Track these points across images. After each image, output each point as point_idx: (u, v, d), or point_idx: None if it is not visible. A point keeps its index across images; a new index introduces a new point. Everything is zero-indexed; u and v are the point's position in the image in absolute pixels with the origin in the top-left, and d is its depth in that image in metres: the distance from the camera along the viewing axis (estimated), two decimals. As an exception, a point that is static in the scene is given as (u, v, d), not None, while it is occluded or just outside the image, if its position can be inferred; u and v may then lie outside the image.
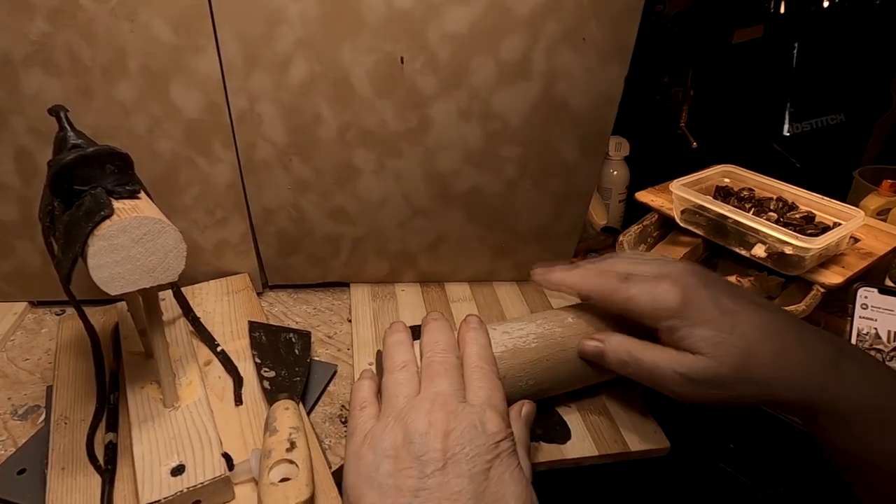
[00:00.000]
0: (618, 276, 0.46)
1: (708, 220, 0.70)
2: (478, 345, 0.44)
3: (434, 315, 0.47)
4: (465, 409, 0.38)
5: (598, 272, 0.48)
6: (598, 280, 0.47)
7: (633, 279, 0.45)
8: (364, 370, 0.47)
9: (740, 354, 0.41)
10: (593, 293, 0.48)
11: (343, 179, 0.60)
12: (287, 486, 0.40)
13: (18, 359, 0.59)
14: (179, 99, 0.54)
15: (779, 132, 0.82)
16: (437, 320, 0.46)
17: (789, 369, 0.41)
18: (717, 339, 0.41)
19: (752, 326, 0.42)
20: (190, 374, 0.52)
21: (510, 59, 0.54)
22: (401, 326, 0.47)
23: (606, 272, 0.48)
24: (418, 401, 0.39)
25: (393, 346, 0.45)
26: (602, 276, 0.48)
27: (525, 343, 0.48)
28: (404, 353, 0.44)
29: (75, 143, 0.42)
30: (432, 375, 0.41)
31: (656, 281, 0.44)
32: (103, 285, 0.39)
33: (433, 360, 0.42)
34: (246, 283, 0.66)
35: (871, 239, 0.69)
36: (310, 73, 0.54)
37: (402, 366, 0.42)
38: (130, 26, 0.50)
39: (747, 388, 0.41)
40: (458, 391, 0.40)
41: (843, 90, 0.82)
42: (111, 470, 0.45)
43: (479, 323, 0.47)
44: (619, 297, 0.45)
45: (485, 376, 0.41)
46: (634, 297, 0.44)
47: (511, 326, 0.49)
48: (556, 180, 0.62)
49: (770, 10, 0.80)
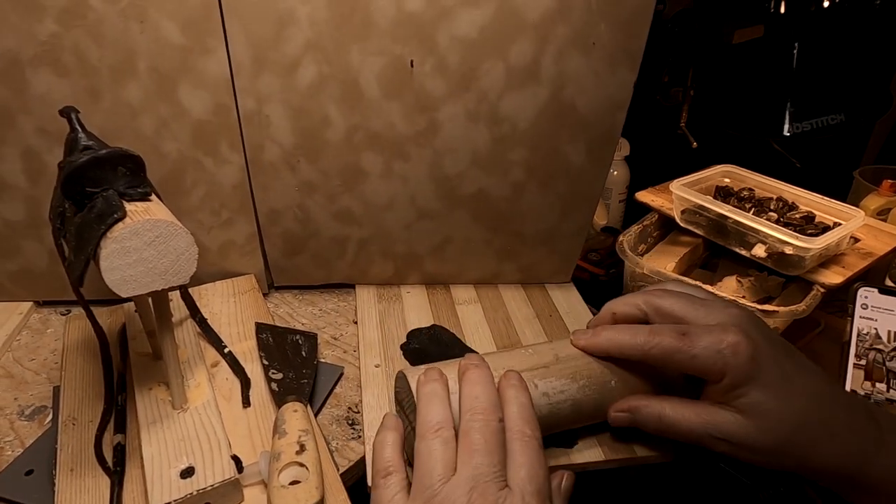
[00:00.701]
0: (674, 333, 0.42)
1: (708, 220, 0.70)
2: (518, 404, 0.40)
3: (474, 360, 0.43)
4: (506, 499, 0.35)
5: (648, 330, 0.43)
6: (651, 340, 0.42)
7: (693, 335, 0.41)
8: (386, 417, 0.43)
9: (789, 427, 0.39)
10: (648, 356, 0.43)
11: (350, 181, 0.60)
12: (298, 490, 0.40)
13: (24, 359, 0.58)
14: (187, 100, 0.54)
15: (779, 132, 0.82)
16: (477, 367, 0.42)
17: (832, 447, 0.39)
18: (770, 406, 0.39)
19: (805, 397, 0.40)
20: (198, 375, 0.52)
21: (519, 63, 0.54)
22: (436, 374, 0.42)
23: (658, 329, 0.43)
24: (454, 486, 0.35)
25: (427, 399, 0.40)
26: (655, 334, 0.43)
27: (560, 409, 0.45)
28: (440, 410, 0.40)
29: (87, 144, 0.42)
30: (471, 449, 0.37)
31: (720, 334, 0.40)
32: (115, 288, 0.39)
33: (473, 427, 0.38)
34: (252, 284, 0.66)
35: (871, 239, 0.69)
36: (318, 76, 0.54)
37: (437, 429, 0.38)
38: (140, 27, 0.49)
39: (786, 459, 0.40)
40: (499, 471, 0.36)
41: (843, 90, 0.82)
42: (120, 472, 0.45)
43: (520, 380, 0.42)
44: (680, 357, 0.41)
45: (526, 447, 0.38)
46: (699, 357, 0.40)
47: (551, 386, 0.45)
48: (562, 184, 0.62)
49: (770, 10, 0.81)
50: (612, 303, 0.48)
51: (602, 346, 0.46)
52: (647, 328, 0.44)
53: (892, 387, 0.55)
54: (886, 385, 0.56)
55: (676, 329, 0.42)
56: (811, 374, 0.41)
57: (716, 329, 0.41)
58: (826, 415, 0.40)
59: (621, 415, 0.45)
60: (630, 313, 0.47)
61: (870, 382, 0.56)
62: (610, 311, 0.48)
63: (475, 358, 0.44)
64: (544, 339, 0.62)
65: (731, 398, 0.40)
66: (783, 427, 0.39)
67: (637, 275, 0.68)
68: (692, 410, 0.42)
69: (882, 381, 0.56)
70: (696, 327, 0.42)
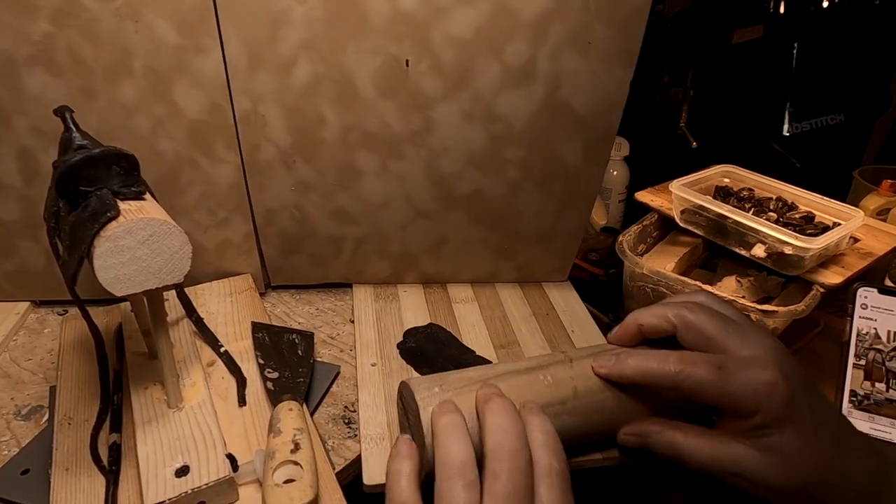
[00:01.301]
0: (709, 366, 0.39)
1: (708, 220, 0.70)
2: (544, 432, 0.38)
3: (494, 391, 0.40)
4: None
5: (680, 358, 0.40)
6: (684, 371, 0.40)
7: (730, 369, 0.39)
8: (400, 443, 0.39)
9: (809, 470, 0.38)
10: (679, 387, 0.40)
11: (346, 181, 0.60)
12: (291, 488, 0.40)
13: (21, 359, 0.58)
14: (183, 100, 0.54)
15: (779, 132, 0.82)
16: (500, 397, 0.39)
17: (847, 489, 0.39)
18: (794, 449, 0.38)
19: (829, 443, 0.39)
20: (193, 374, 0.52)
21: (515, 63, 0.54)
22: (451, 406, 0.39)
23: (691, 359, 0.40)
24: None
25: (447, 433, 0.37)
26: (689, 364, 0.40)
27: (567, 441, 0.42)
28: (462, 447, 0.36)
29: (81, 143, 0.42)
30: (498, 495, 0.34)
31: (759, 372, 0.38)
32: (109, 286, 0.39)
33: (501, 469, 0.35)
34: (249, 283, 0.66)
35: (871, 239, 0.69)
36: (313, 75, 0.54)
37: (460, 470, 0.35)
38: (135, 27, 0.50)
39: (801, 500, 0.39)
40: None
41: (842, 90, 0.82)
42: (115, 471, 0.45)
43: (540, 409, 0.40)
44: (714, 392, 0.39)
45: (553, 486, 0.35)
46: (733, 395, 0.38)
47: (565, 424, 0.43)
48: (559, 183, 0.62)
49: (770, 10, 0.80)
50: (639, 313, 0.45)
51: (628, 376, 0.43)
52: (678, 356, 0.41)
53: (892, 387, 0.55)
54: (886, 385, 0.55)
55: (712, 361, 0.40)
56: (831, 414, 0.40)
57: (753, 365, 0.39)
58: (844, 462, 0.39)
59: (631, 438, 0.44)
60: (658, 326, 0.44)
61: (869, 382, 0.56)
62: (636, 322, 0.45)
63: (493, 388, 0.41)
64: (540, 337, 0.62)
65: (755, 436, 0.39)
66: (803, 470, 0.38)
67: (637, 275, 0.68)
68: (706, 442, 0.40)
69: (881, 380, 0.56)
70: (732, 360, 0.39)
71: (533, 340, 0.62)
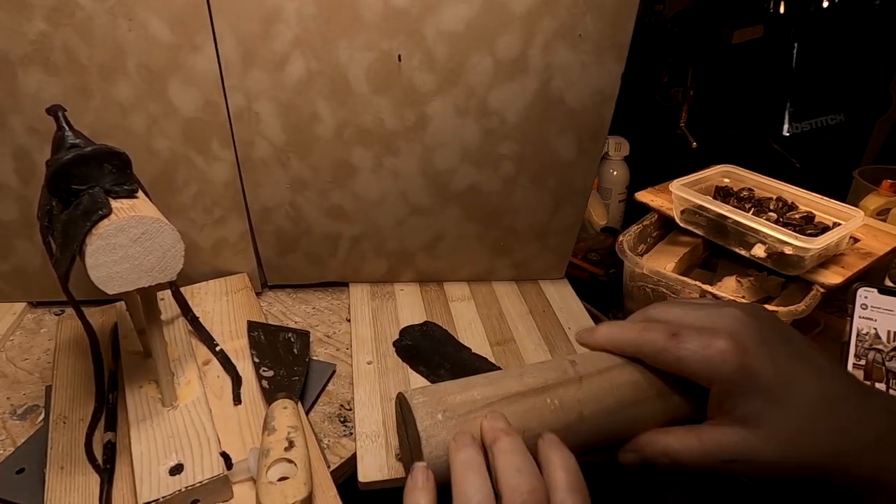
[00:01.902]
0: (665, 332, 0.40)
1: (708, 220, 0.69)
2: (566, 470, 0.36)
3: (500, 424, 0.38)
4: None
5: (643, 327, 0.42)
6: (643, 336, 0.41)
7: (683, 335, 0.39)
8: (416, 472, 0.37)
9: (789, 435, 0.37)
10: (640, 352, 0.42)
11: (341, 178, 0.60)
12: (285, 485, 0.40)
13: (17, 359, 0.58)
14: (177, 98, 0.54)
15: (779, 132, 0.82)
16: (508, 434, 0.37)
17: (844, 450, 0.37)
18: (771, 415, 0.37)
19: (807, 398, 0.37)
20: (188, 373, 0.52)
21: (507, 57, 0.54)
22: (468, 439, 0.37)
23: (652, 326, 0.42)
24: None
25: (464, 471, 0.35)
26: (648, 330, 0.41)
27: None
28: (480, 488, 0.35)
29: (73, 142, 0.42)
30: None
31: (709, 338, 0.38)
32: (101, 284, 0.39)
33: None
34: (245, 282, 0.66)
35: (871, 239, 0.68)
36: (307, 72, 0.54)
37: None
38: (129, 25, 0.50)
39: (796, 469, 0.38)
40: None
41: (842, 90, 0.82)
42: (110, 469, 0.45)
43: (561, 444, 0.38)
44: (667, 357, 0.40)
45: None
46: (684, 360, 0.39)
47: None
48: (553, 178, 0.62)
49: (770, 10, 0.81)
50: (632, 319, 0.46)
51: (599, 343, 0.45)
52: (642, 325, 0.43)
53: (892, 387, 0.55)
54: (886, 385, 0.55)
55: (668, 328, 0.40)
56: (819, 371, 0.39)
57: (706, 332, 0.39)
58: (834, 419, 0.37)
59: (629, 455, 0.43)
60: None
61: (869, 382, 0.55)
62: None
63: (499, 420, 0.38)
64: (537, 334, 0.62)
65: (726, 410, 0.38)
66: (782, 437, 0.37)
67: (637, 275, 0.67)
68: (695, 437, 0.40)
69: (881, 381, 0.55)
70: (689, 329, 0.40)
71: (529, 338, 0.62)
